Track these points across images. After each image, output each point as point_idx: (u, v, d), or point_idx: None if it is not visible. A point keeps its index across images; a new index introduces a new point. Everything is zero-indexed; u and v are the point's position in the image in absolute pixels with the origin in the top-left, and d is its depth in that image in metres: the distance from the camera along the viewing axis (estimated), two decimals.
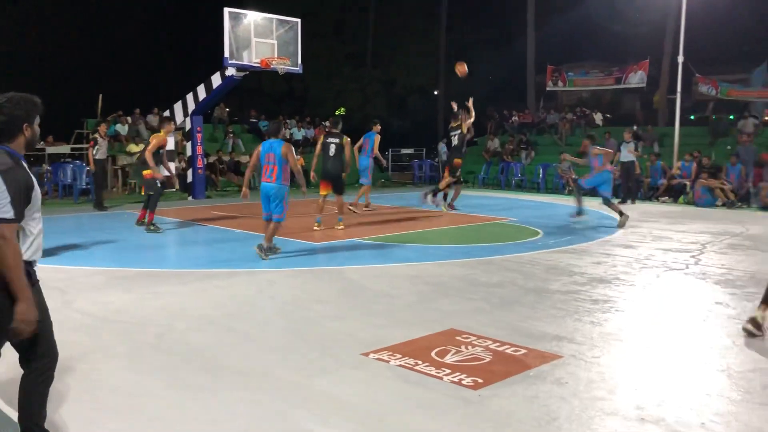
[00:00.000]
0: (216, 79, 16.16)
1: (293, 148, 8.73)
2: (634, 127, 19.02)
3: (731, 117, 22.21)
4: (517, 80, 30.40)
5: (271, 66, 15.45)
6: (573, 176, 13.83)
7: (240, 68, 15.55)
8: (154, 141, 10.94)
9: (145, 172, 10.93)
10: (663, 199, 17.10)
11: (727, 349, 5.10)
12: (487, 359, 4.74)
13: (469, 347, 4.98)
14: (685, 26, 18.30)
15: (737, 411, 3.89)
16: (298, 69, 16.40)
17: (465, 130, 13.62)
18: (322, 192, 11.29)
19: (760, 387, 4.26)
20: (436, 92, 35.43)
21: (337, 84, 33.05)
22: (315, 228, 11.01)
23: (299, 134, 23.36)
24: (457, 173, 13.90)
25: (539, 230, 11.42)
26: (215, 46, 15.89)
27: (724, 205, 15.71)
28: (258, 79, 25.09)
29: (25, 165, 3.01)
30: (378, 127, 14.08)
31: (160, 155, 11.06)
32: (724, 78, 23.15)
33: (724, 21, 25.76)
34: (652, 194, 17.50)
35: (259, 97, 31.84)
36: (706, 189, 16.11)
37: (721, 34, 26.71)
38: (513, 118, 26.99)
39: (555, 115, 26.02)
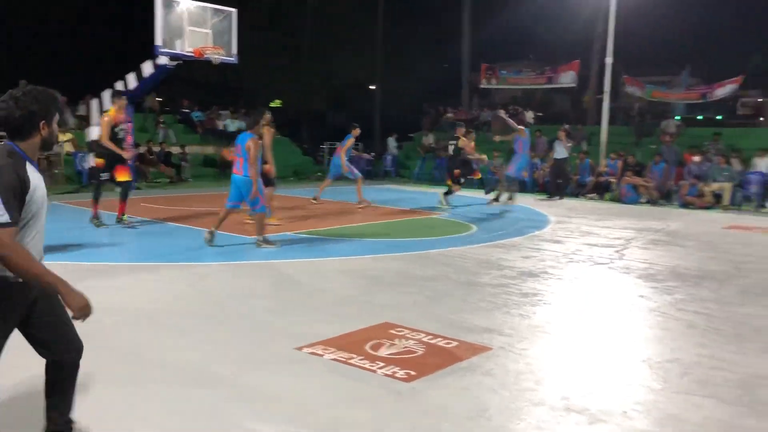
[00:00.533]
0: (147, 68, 15.71)
1: (258, 144, 8.81)
2: (566, 126, 19.57)
3: (677, 117, 23.03)
4: (453, 77, 30.80)
5: (205, 56, 15.14)
6: (507, 170, 14.47)
7: (173, 57, 15.17)
8: (105, 120, 10.24)
9: (97, 161, 10.30)
10: (590, 195, 17.65)
11: (648, 340, 5.33)
12: (420, 352, 4.80)
13: (403, 340, 5.04)
14: (615, 29, 18.91)
15: (656, 399, 4.08)
16: (233, 59, 16.12)
17: (460, 145, 14.40)
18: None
19: (677, 376, 4.48)
20: (372, 87, 35.49)
21: (274, 76, 32.67)
22: (247, 221, 10.90)
23: (233, 126, 22.99)
24: (459, 180, 14.63)
25: (472, 225, 11.62)
26: (147, 34, 15.45)
27: (647, 202, 16.36)
28: (191, 68, 24.55)
29: (29, 166, 2.75)
30: (355, 131, 14.13)
31: (116, 133, 10.18)
32: (649, 80, 24.06)
33: (650, 25, 26.82)
34: (579, 191, 18.04)
35: (192, 87, 31.15)
36: (631, 186, 16.74)
37: (647, 37, 27.80)
38: (448, 114, 27.31)
39: (489, 113, 26.45)
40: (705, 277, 7.71)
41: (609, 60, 19.20)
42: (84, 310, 2.79)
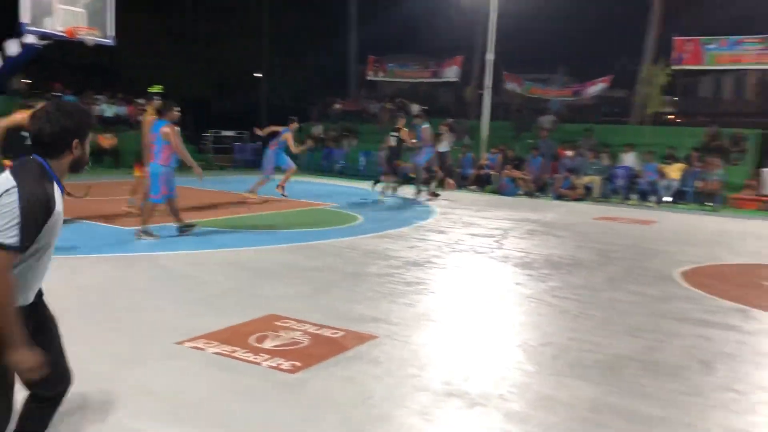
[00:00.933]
0: (12, 47, 14.61)
1: (175, 129, 8.66)
2: (449, 120, 20.08)
3: (605, 110, 24.01)
4: (341, 68, 30.82)
5: (78, 36, 14.28)
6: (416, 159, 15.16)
7: (42, 36, 14.19)
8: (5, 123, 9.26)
9: (6, 162, 9.46)
10: (472, 188, 18.26)
11: (523, 326, 5.60)
12: (306, 343, 4.79)
13: (288, 332, 5.01)
14: (496, 27, 19.58)
15: (531, 381, 4.29)
16: (110, 41, 15.30)
17: (403, 137, 14.61)
18: (136, 173, 10.74)
19: (550, 359, 4.73)
20: (259, 75, 34.86)
21: (155, 59, 31.32)
22: (128, 210, 10.45)
23: (110, 111, 21.86)
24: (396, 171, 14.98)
25: (359, 216, 11.71)
26: (11, 10, 14.37)
27: (525, 194, 17.13)
28: (63, 49, 23.06)
29: (56, 187, 2.47)
30: (293, 125, 13.74)
31: (23, 138, 9.44)
32: (527, 77, 25.12)
33: (529, 25, 27.95)
34: (462, 183, 18.61)
35: (65, 69, 29.29)
36: (510, 179, 17.47)
37: (527, 36, 28.97)
38: (336, 105, 27.31)
39: (376, 105, 26.70)
40: (577, 265, 8.18)
41: (490, 56, 19.87)
42: (29, 374, 2.51)
